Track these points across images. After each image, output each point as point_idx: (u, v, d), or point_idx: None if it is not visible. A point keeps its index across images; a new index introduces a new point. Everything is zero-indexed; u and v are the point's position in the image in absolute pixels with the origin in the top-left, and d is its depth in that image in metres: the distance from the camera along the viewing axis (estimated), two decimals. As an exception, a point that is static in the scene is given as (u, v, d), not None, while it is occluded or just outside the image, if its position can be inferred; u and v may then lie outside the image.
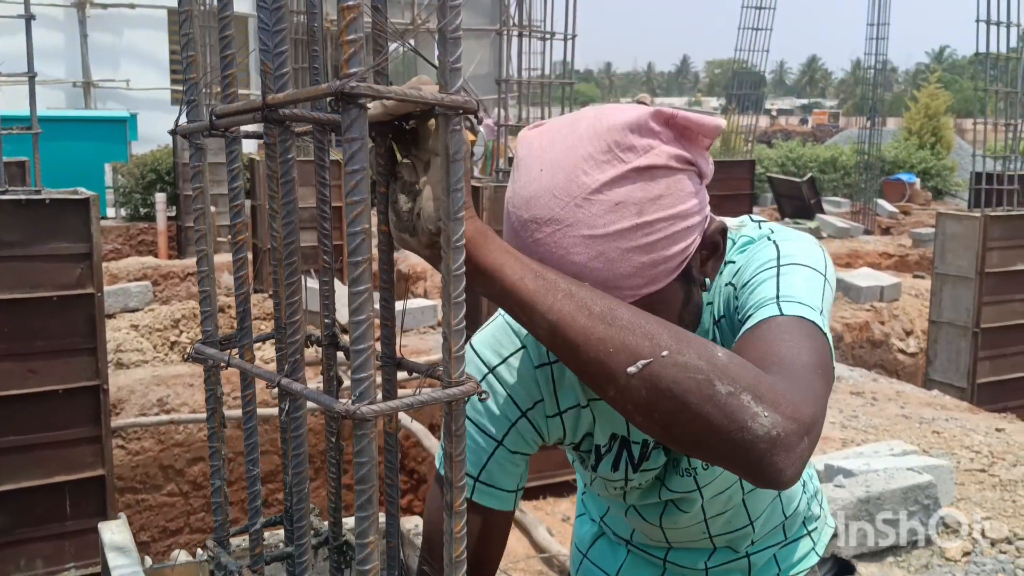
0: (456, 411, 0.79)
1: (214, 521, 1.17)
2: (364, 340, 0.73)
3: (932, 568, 3.92)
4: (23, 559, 4.03)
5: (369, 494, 0.75)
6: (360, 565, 0.75)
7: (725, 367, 0.89)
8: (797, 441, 0.89)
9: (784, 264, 1.11)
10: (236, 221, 0.95)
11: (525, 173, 1.04)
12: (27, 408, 3.95)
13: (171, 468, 5.82)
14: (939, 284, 7.40)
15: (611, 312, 0.90)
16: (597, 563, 1.55)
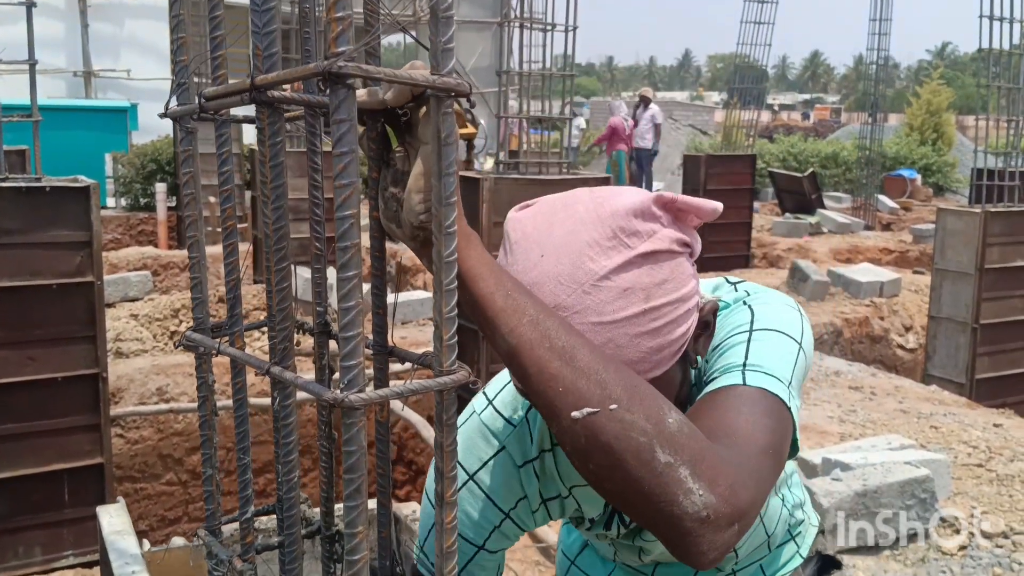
0: (447, 400, 0.78)
1: (206, 510, 1.17)
2: (353, 327, 0.72)
3: (928, 562, 3.93)
4: (21, 547, 4.04)
5: (358, 483, 0.74)
6: (350, 555, 0.75)
7: (671, 435, 0.86)
8: (726, 526, 0.86)
9: (756, 329, 1.10)
10: (226, 206, 0.95)
11: (523, 257, 1.01)
12: (25, 396, 3.96)
13: (170, 457, 5.83)
14: (939, 280, 7.40)
15: (571, 350, 0.88)
16: (585, 571, 1.55)
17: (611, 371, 0.88)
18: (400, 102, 0.82)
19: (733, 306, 1.17)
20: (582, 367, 0.87)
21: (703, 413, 1.00)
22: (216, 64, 0.89)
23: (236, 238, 0.96)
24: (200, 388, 1.07)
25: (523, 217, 1.05)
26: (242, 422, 1.03)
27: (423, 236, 0.85)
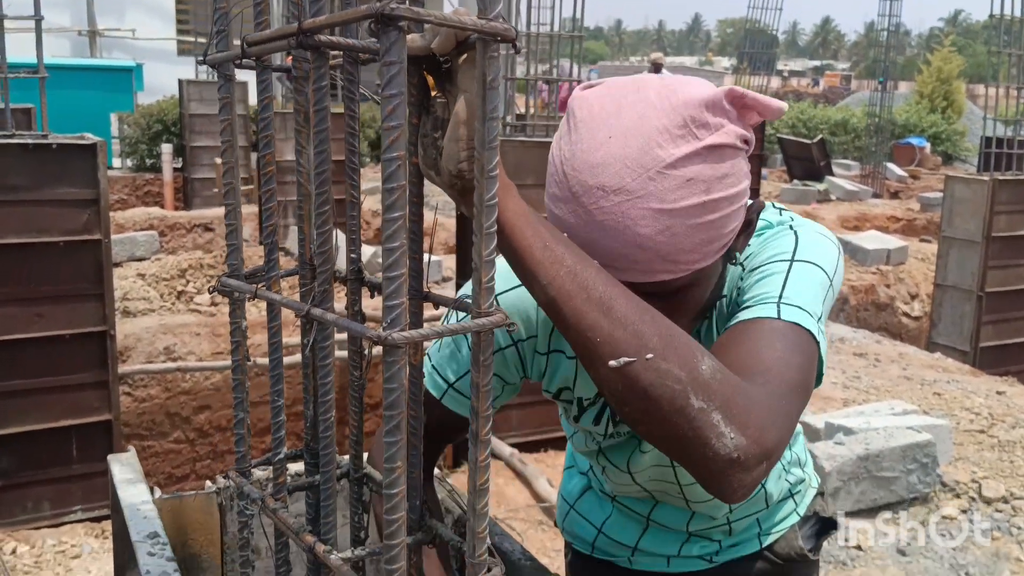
0: (485, 341, 0.79)
1: (236, 452, 1.20)
2: (397, 267, 0.73)
3: (928, 525, 3.96)
4: (30, 502, 4.08)
5: (397, 420, 0.76)
6: (388, 489, 0.77)
7: (705, 382, 0.89)
8: (755, 465, 0.90)
9: (798, 260, 1.10)
10: (265, 152, 0.96)
11: (588, 136, 1.02)
12: (34, 352, 3.98)
13: (177, 416, 5.88)
14: (945, 247, 7.39)
15: (608, 301, 0.90)
16: (584, 515, 1.58)
17: (647, 320, 0.90)
18: (446, 48, 0.82)
19: (778, 228, 1.17)
20: (619, 317, 0.89)
21: (736, 343, 1.02)
22: (258, 10, 0.89)
23: (273, 184, 0.96)
24: (233, 333, 1.09)
25: (590, 96, 1.05)
26: (276, 365, 1.05)
27: (461, 184, 0.86)
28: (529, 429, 5.19)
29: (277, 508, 1.05)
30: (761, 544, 1.49)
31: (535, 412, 5.21)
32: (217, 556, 1.54)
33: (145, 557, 1.24)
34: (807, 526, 1.53)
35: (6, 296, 3.91)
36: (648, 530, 1.51)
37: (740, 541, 1.49)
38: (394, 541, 0.77)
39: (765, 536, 1.49)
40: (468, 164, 0.84)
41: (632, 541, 1.52)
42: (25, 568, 3.44)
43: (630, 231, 0.99)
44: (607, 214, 1.00)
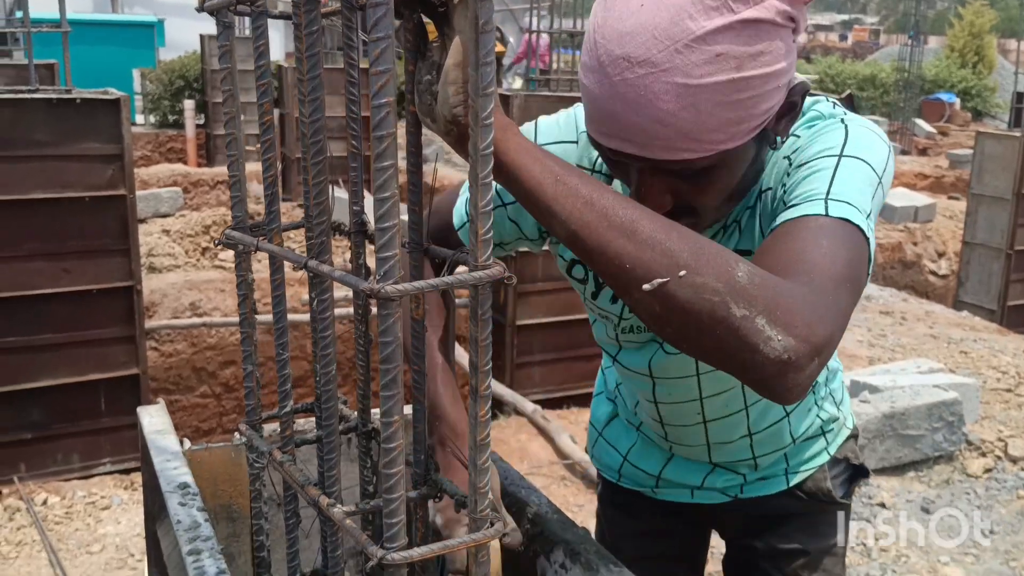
0: (482, 294, 0.78)
1: (246, 405, 1.19)
2: (389, 218, 0.71)
3: (953, 483, 3.95)
4: (60, 454, 4.14)
5: (394, 374, 0.75)
6: (386, 443, 0.76)
7: (743, 288, 0.86)
8: (807, 363, 0.88)
9: (847, 155, 1.05)
10: (263, 100, 0.94)
11: (623, 3, 0.97)
12: (61, 307, 4.01)
13: (204, 370, 5.93)
14: (975, 205, 7.29)
15: (631, 224, 0.87)
16: (611, 442, 1.58)
17: (674, 237, 0.87)
18: None
19: (829, 121, 1.12)
20: (645, 239, 0.86)
21: (783, 241, 0.98)
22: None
23: (272, 133, 0.95)
24: (240, 286, 1.08)
25: None
26: (280, 318, 1.04)
27: (457, 131, 0.83)
28: (552, 386, 5.20)
29: (284, 461, 1.05)
30: (789, 482, 1.46)
31: (558, 369, 5.21)
32: (246, 507, 1.54)
33: (176, 507, 1.25)
34: (837, 469, 1.50)
35: (33, 251, 3.93)
36: (672, 460, 1.49)
37: (767, 476, 1.46)
38: (393, 495, 0.76)
39: (793, 474, 1.46)
40: (463, 109, 0.82)
41: (656, 470, 1.51)
42: (56, 519, 3.50)
43: (652, 105, 0.95)
44: (630, 86, 0.96)
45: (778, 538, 1.49)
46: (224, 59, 0.97)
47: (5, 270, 3.89)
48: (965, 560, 3.43)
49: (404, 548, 0.77)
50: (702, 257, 0.86)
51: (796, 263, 0.93)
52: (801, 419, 1.42)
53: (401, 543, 0.77)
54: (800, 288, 0.90)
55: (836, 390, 1.49)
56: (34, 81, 4.04)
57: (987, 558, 3.46)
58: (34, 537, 3.33)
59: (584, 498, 3.95)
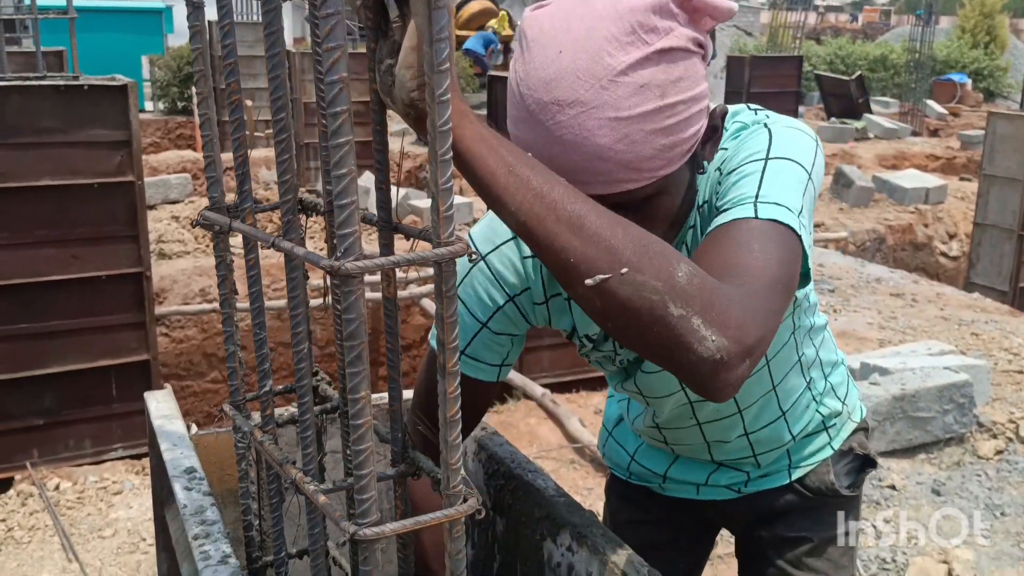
0: (446, 271, 0.77)
1: (229, 385, 1.20)
2: (347, 195, 0.72)
3: (964, 465, 3.94)
4: (72, 439, 4.16)
5: (359, 350, 0.75)
6: (354, 419, 0.76)
7: (681, 289, 0.89)
8: (738, 363, 0.91)
9: (773, 158, 1.08)
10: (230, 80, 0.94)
11: (540, 54, 1.01)
12: (71, 293, 4.02)
13: (214, 356, 5.95)
14: (986, 186, 7.24)
15: (578, 219, 0.89)
16: (620, 442, 1.62)
17: (619, 234, 0.89)
18: None
19: (752, 128, 1.15)
20: (590, 235, 0.89)
21: (715, 246, 1.01)
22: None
23: (240, 114, 0.96)
24: (218, 267, 1.09)
25: (540, 15, 1.04)
26: (256, 298, 1.05)
27: (415, 113, 0.83)
28: (561, 370, 5.20)
29: (264, 440, 1.05)
30: (791, 477, 1.48)
31: (567, 353, 5.21)
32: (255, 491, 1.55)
33: (182, 492, 1.25)
34: (843, 462, 1.51)
35: (42, 238, 3.94)
36: (677, 460, 1.52)
37: (769, 472, 1.48)
38: (363, 471, 0.77)
39: (795, 469, 1.48)
40: (420, 93, 0.82)
41: (662, 470, 1.53)
42: (68, 503, 3.53)
43: (589, 142, 0.98)
44: (565, 128, 0.99)
45: (784, 527, 1.50)
46: (195, 39, 0.98)
47: (15, 257, 3.90)
48: (976, 542, 3.43)
49: (376, 524, 0.78)
50: (644, 255, 0.89)
51: (729, 267, 0.97)
52: (799, 417, 1.43)
53: (373, 519, 0.78)
54: (735, 291, 0.93)
55: (839, 384, 1.50)
56: (42, 68, 4.04)
57: (998, 540, 3.46)
58: (47, 522, 3.36)
59: (593, 481, 3.95)
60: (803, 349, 1.38)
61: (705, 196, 1.16)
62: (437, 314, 0.78)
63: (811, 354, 1.41)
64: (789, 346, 1.33)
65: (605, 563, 1.15)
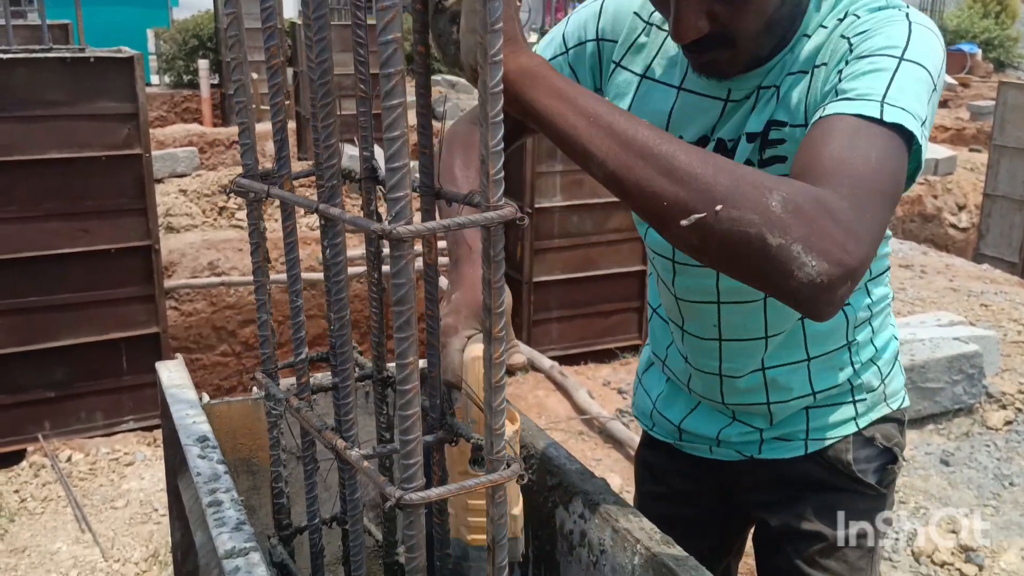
0: (494, 236, 0.77)
1: (261, 354, 1.20)
2: (399, 158, 0.71)
3: (972, 436, 3.94)
4: (83, 412, 4.19)
5: (407, 315, 0.75)
6: (401, 384, 0.76)
7: (778, 219, 0.86)
8: (840, 285, 0.89)
9: (907, 59, 1.03)
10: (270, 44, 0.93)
11: None
12: (80, 267, 4.03)
13: (223, 329, 5.97)
14: (996, 156, 7.19)
15: (669, 160, 0.87)
16: (646, 388, 1.59)
17: (710, 170, 0.88)
18: None
19: (893, 12, 1.09)
20: (682, 176, 0.87)
21: (833, 139, 0.97)
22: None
23: (279, 78, 0.95)
24: (252, 235, 1.08)
25: None
26: (292, 265, 1.05)
27: None
28: (569, 342, 5.20)
29: (300, 407, 1.06)
30: (808, 448, 1.40)
31: (575, 326, 5.22)
32: (266, 460, 1.56)
33: (195, 459, 1.25)
34: (867, 451, 1.41)
35: (51, 211, 3.95)
36: (693, 411, 1.48)
37: (785, 436, 1.41)
38: (409, 436, 0.77)
39: (813, 441, 1.40)
40: None
41: (678, 419, 1.50)
42: (80, 475, 3.55)
43: None
44: None
45: (796, 518, 1.42)
46: (230, 4, 0.96)
47: (24, 230, 3.90)
48: (985, 512, 3.43)
49: (421, 489, 0.78)
50: (738, 190, 0.87)
51: (841, 171, 0.93)
52: (826, 373, 1.37)
53: (418, 484, 0.78)
54: (838, 204, 0.90)
55: (885, 363, 1.42)
56: (47, 41, 4.03)
57: (1007, 510, 3.46)
58: (59, 493, 3.38)
59: (602, 452, 3.96)
60: (854, 300, 1.32)
61: (825, 58, 1.12)
62: (485, 279, 0.78)
63: (862, 313, 1.34)
64: None
65: (617, 530, 1.15)
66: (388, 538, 1.19)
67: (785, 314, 1.31)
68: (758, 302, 1.31)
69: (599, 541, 1.18)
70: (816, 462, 1.41)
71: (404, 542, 0.83)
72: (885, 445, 1.41)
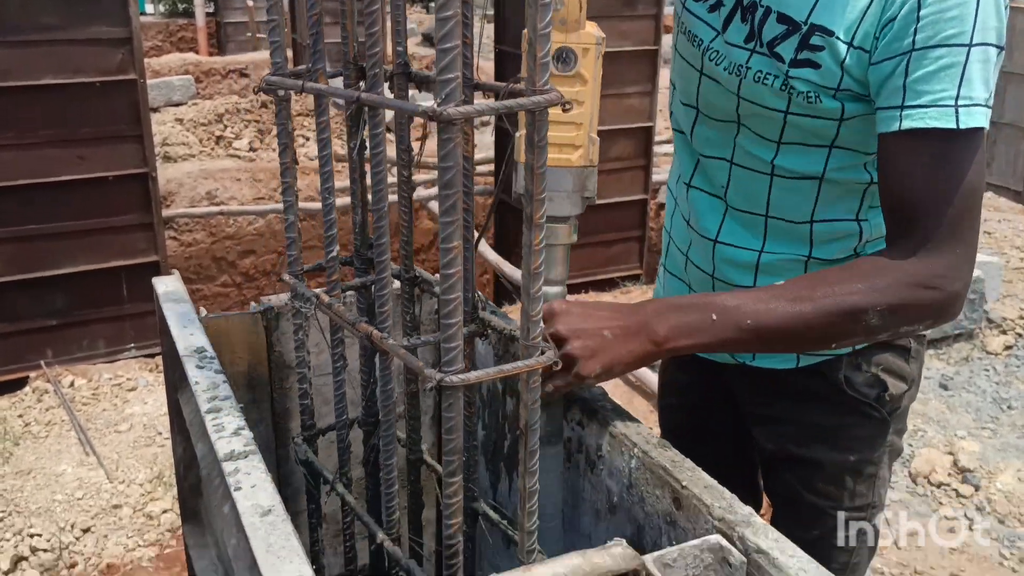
0: (539, 121, 0.77)
1: (288, 256, 1.22)
2: (450, 39, 0.71)
3: (972, 360, 3.95)
4: (85, 339, 4.21)
5: (453, 199, 0.76)
6: (445, 269, 0.78)
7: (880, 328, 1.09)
8: (955, 312, 1.12)
9: (976, 44, 1.04)
10: None
11: None
12: (78, 194, 4.02)
13: (223, 260, 5.97)
14: (1002, 83, 7.09)
15: (789, 339, 1.14)
16: (674, 238, 1.51)
17: (822, 324, 1.09)
18: None
19: None
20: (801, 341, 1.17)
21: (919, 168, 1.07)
22: None
23: None
24: (280, 135, 1.08)
25: None
26: (325, 162, 1.06)
27: None
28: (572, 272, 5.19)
29: (332, 303, 1.07)
30: (799, 363, 1.37)
31: (578, 255, 5.20)
32: (265, 374, 1.56)
33: (194, 370, 1.25)
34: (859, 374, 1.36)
35: (48, 138, 3.92)
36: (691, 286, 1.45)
37: None
38: (452, 320, 0.79)
39: (805, 355, 1.35)
40: None
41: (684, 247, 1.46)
42: (83, 400, 3.58)
43: None
44: None
45: (793, 443, 1.41)
46: None
47: (21, 158, 3.89)
48: (982, 434, 3.46)
49: (461, 372, 0.81)
50: (841, 329, 1.10)
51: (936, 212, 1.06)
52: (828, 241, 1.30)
53: (459, 367, 0.81)
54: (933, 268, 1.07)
55: None
56: (38, -38, 3.95)
57: (1004, 432, 3.49)
58: (62, 417, 3.41)
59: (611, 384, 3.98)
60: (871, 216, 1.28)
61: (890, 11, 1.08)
62: (527, 165, 0.79)
63: (876, 232, 1.30)
64: (856, 168, 1.24)
65: (615, 435, 1.15)
66: (412, 435, 1.21)
67: (802, 160, 1.25)
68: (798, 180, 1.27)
69: (596, 447, 1.18)
70: (811, 375, 1.38)
71: (443, 424, 0.85)
72: (874, 373, 1.36)
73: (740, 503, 0.98)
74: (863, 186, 1.26)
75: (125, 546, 2.71)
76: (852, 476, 1.40)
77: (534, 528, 0.93)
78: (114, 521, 2.81)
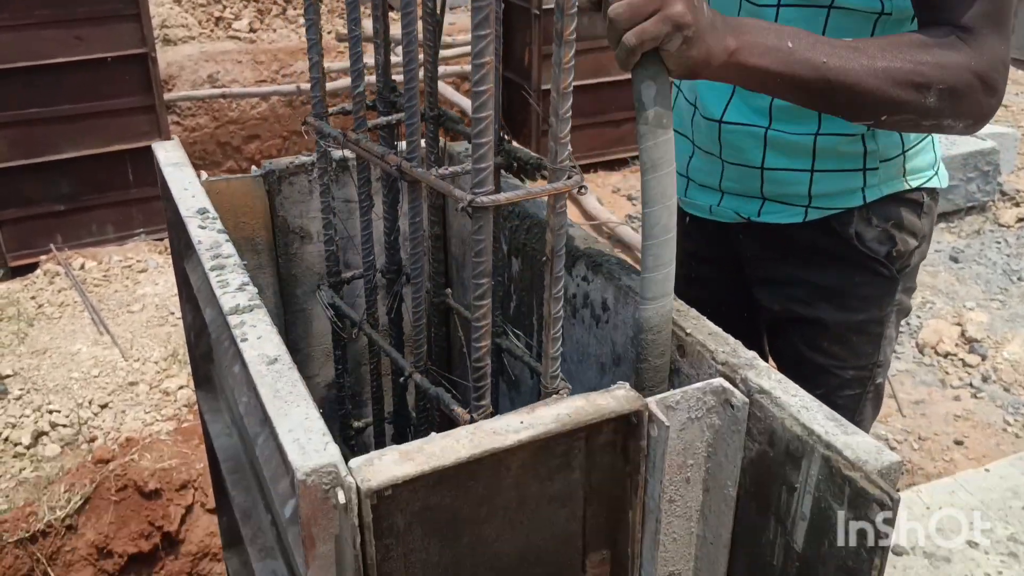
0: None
1: (312, 98, 1.23)
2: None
3: (984, 233, 3.93)
4: (94, 224, 4.21)
5: (486, 12, 0.79)
6: (477, 86, 0.81)
7: (935, 110, 1.08)
8: (987, 120, 1.16)
9: None
10: None
11: None
12: (78, 76, 3.96)
13: (228, 145, 5.90)
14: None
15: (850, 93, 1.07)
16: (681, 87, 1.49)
17: (884, 86, 1.07)
18: None
19: None
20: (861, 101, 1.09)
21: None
22: None
23: None
24: None
25: None
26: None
27: None
28: (579, 152, 5.14)
29: (359, 139, 1.08)
30: (807, 216, 1.34)
31: (585, 135, 5.14)
32: (269, 239, 1.55)
33: (196, 230, 1.24)
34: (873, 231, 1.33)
35: (44, 19, 3.84)
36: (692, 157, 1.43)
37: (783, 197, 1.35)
38: (482, 140, 0.81)
39: (813, 209, 1.33)
40: None
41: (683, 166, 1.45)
42: (95, 281, 3.60)
43: None
44: None
45: (797, 303, 1.39)
46: None
47: (18, 39, 3.81)
48: (991, 305, 3.46)
49: (490, 193, 0.84)
50: (901, 98, 1.07)
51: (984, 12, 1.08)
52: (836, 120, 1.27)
53: (488, 188, 0.84)
54: (990, 64, 1.08)
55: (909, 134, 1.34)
56: None
57: (1013, 303, 3.49)
58: (75, 299, 3.44)
59: (611, 256, 3.98)
60: None
61: None
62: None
63: None
64: None
65: (620, 287, 1.15)
66: (435, 279, 1.24)
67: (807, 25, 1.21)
68: None
69: (603, 300, 1.18)
70: (822, 232, 1.36)
71: (472, 247, 0.88)
72: (884, 229, 1.34)
73: (744, 348, 0.98)
74: (874, 16, 1.22)
75: (143, 420, 2.77)
76: (858, 335, 1.39)
77: (558, 354, 0.95)
78: (131, 397, 2.86)
